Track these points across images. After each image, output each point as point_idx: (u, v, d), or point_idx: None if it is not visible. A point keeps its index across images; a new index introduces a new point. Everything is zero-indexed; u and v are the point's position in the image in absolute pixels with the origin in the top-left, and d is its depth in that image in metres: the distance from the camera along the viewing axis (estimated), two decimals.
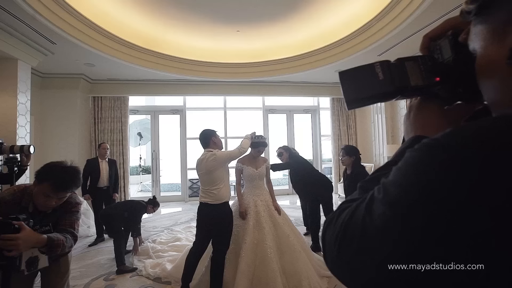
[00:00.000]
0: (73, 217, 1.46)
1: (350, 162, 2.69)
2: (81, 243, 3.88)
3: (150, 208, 3.43)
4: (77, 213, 1.49)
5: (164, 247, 3.33)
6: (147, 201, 3.49)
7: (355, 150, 2.70)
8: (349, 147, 2.74)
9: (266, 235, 2.31)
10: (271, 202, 2.59)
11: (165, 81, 6.86)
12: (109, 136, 6.68)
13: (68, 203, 1.46)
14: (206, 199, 2.19)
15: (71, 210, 1.46)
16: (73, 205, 1.48)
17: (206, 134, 2.36)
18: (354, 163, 2.68)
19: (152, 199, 3.52)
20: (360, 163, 2.69)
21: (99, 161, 4.03)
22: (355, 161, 2.68)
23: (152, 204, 3.47)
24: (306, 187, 3.32)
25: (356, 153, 2.70)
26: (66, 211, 1.45)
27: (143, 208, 3.37)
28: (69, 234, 1.38)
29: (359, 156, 2.69)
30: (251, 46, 6.45)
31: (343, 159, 2.70)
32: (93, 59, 5.22)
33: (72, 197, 1.50)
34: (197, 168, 2.28)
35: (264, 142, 2.63)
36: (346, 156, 2.68)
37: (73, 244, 1.41)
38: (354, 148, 2.73)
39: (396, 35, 4.82)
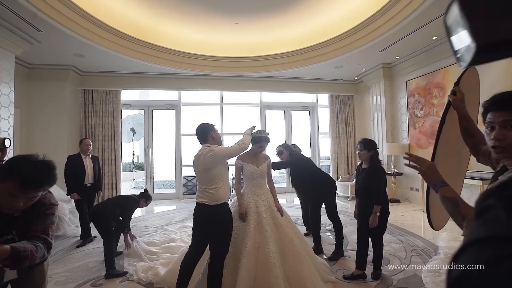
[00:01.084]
0: (47, 221, 1.23)
1: (368, 157, 2.52)
2: (68, 244, 3.66)
3: (142, 202, 3.25)
4: (52, 216, 1.27)
5: (157, 248, 3.13)
6: (139, 195, 3.30)
7: (373, 144, 2.54)
8: (367, 140, 2.57)
9: (268, 238, 2.14)
10: (273, 203, 2.42)
11: (160, 74, 6.61)
12: (100, 131, 6.42)
13: (41, 205, 1.24)
14: (203, 199, 2.01)
15: (45, 213, 1.24)
16: (47, 206, 1.26)
17: (204, 129, 2.16)
18: (372, 157, 2.52)
19: (143, 192, 3.34)
20: (378, 158, 2.53)
21: (82, 157, 3.79)
22: (373, 155, 2.52)
23: (144, 197, 3.28)
24: (308, 186, 3.16)
25: (375, 147, 2.54)
26: (38, 214, 1.22)
27: (135, 203, 3.18)
28: (42, 241, 1.16)
29: (377, 151, 2.54)
30: (249, 40, 6.24)
31: (361, 153, 2.54)
32: (83, 49, 4.94)
33: (46, 197, 1.28)
34: (194, 165, 2.09)
35: (267, 137, 2.45)
36: (364, 150, 2.51)
37: (46, 254, 1.20)
38: (372, 142, 2.56)
39: (398, 31, 4.68)
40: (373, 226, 2.41)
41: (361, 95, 7.62)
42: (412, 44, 5.15)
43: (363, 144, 2.52)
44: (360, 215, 2.62)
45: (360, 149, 2.53)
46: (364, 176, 2.49)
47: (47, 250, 1.19)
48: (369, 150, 2.50)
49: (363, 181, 2.51)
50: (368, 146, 2.51)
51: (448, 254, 2.95)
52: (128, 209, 3.11)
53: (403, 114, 6.14)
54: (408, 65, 5.85)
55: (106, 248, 2.76)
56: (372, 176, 2.44)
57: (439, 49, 5.04)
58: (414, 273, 2.64)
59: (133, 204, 3.16)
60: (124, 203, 3.12)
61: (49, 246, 1.21)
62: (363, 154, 2.52)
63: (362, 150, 2.52)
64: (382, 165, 2.51)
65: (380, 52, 5.53)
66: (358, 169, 2.66)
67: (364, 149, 2.51)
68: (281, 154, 3.41)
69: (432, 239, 3.62)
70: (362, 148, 2.52)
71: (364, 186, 2.49)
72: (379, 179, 2.44)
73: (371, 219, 2.40)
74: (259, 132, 2.46)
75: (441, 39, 4.86)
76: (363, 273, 2.59)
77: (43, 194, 1.25)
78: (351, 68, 6.53)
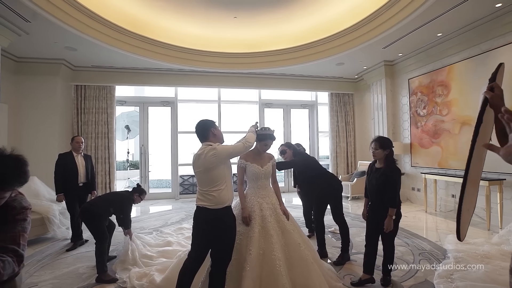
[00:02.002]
0: (18, 228, 1.04)
1: (383, 156, 2.36)
2: (57, 247, 3.46)
3: (136, 197, 3.04)
4: (24, 222, 1.08)
5: (152, 252, 2.95)
6: (132, 190, 3.07)
7: (389, 143, 2.39)
8: (383, 138, 2.41)
9: (274, 245, 1.97)
10: (278, 205, 2.25)
11: (156, 70, 6.39)
12: (93, 128, 6.19)
13: (10, 208, 1.05)
14: (204, 202, 1.83)
15: (15, 218, 1.05)
16: (18, 210, 1.07)
17: (205, 125, 1.99)
18: (387, 157, 2.36)
19: (136, 187, 3.12)
20: (394, 158, 2.37)
21: (74, 155, 3.58)
22: (389, 155, 2.36)
23: (138, 192, 3.06)
24: (314, 187, 3.00)
25: (391, 145, 2.38)
26: (6, 220, 1.04)
27: (129, 199, 2.99)
28: (11, 253, 0.97)
29: (393, 150, 2.38)
30: (248, 35, 6.06)
31: (376, 152, 2.38)
32: (75, 42, 4.71)
33: (16, 200, 1.09)
34: (194, 165, 1.91)
35: (272, 134, 2.29)
36: (379, 149, 2.36)
37: (17, 269, 1.00)
38: (388, 140, 2.40)
39: (402, 27, 4.54)
40: (389, 230, 2.26)
41: (361, 94, 7.50)
42: (416, 41, 5.03)
43: (379, 143, 2.37)
44: (370, 217, 2.48)
45: (375, 148, 2.38)
46: (379, 176, 2.34)
47: (18, 263, 0.99)
48: (385, 149, 2.35)
49: (376, 181, 2.36)
50: (384, 145, 2.35)
51: (458, 258, 2.83)
52: (125, 206, 2.92)
53: (404, 113, 6.02)
54: (410, 62, 5.73)
55: (98, 250, 2.58)
56: (389, 177, 2.29)
57: (444, 46, 4.92)
58: (425, 279, 2.51)
59: (128, 201, 2.98)
60: (119, 199, 2.93)
61: (20, 258, 1.01)
62: (378, 153, 2.36)
63: (377, 149, 2.36)
64: (397, 165, 2.36)
65: (383, 49, 5.40)
66: (371, 168, 2.51)
67: (379, 148, 2.35)
68: (285, 153, 3.25)
69: (438, 241, 3.51)
70: (377, 147, 2.37)
71: (377, 186, 2.34)
72: (396, 180, 2.29)
73: (386, 223, 2.26)
74: (263, 129, 2.30)
75: (446, 36, 4.75)
76: (371, 277, 2.45)
77: (12, 196, 1.06)
78: (353, 65, 6.39)
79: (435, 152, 5.16)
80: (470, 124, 4.50)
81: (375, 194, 2.39)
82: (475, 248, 3.08)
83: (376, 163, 2.47)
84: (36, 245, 3.50)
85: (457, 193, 4.80)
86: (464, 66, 4.60)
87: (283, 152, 3.25)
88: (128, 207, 2.96)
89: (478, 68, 4.38)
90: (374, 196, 2.41)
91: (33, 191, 3.86)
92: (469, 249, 3.04)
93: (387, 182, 2.29)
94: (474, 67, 4.44)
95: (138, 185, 3.15)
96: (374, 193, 2.41)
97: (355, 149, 7.64)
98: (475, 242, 3.27)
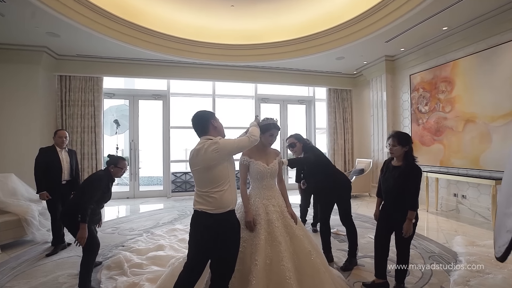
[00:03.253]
0: None
1: (402, 153, 2.14)
2: (36, 252, 3.13)
3: (113, 170, 2.41)
4: None
5: (142, 259, 2.67)
6: (107, 164, 2.46)
7: (408, 138, 2.16)
8: (401, 134, 2.18)
9: (283, 253, 1.74)
10: (286, 208, 2.01)
11: (146, 60, 6.03)
12: (79, 122, 5.80)
13: None
14: (204, 206, 1.57)
15: None
16: None
17: (203, 117, 1.72)
18: (406, 154, 2.14)
19: (108, 159, 2.48)
20: (413, 155, 2.16)
21: (57, 150, 3.25)
22: (408, 152, 2.14)
23: (112, 163, 2.42)
24: (321, 185, 2.75)
25: (410, 142, 2.16)
26: None
27: (102, 176, 2.34)
28: None
29: (412, 146, 2.17)
30: (245, 26, 5.77)
31: (394, 149, 2.16)
32: (58, 27, 4.32)
33: None
34: (191, 162, 1.65)
35: (276, 123, 2.05)
36: (398, 146, 2.14)
37: None
38: (407, 136, 2.18)
39: (407, 20, 4.35)
40: (408, 235, 2.06)
41: (360, 90, 7.33)
42: (419, 35, 4.85)
43: (397, 138, 2.15)
44: (382, 218, 2.28)
45: (393, 144, 2.16)
46: (398, 176, 2.12)
47: None
48: (404, 145, 2.13)
49: (394, 181, 2.14)
50: (403, 141, 2.14)
51: (470, 261, 2.67)
52: (87, 187, 2.26)
53: (405, 110, 5.88)
54: (413, 57, 5.57)
55: (84, 261, 2.21)
56: (409, 177, 2.07)
57: (448, 41, 4.76)
58: (440, 286, 2.33)
59: (99, 179, 2.31)
60: (88, 181, 2.35)
61: None
62: (396, 150, 2.15)
63: (396, 145, 2.14)
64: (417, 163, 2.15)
65: (385, 42, 5.20)
66: (387, 166, 2.29)
67: (398, 144, 2.13)
68: (294, 146, 2.85)
69: (446, 243, 3.35)
70: (395, 143, 2.15)
71: (395, 186, 2.13)
72: (416, 180, 2.08)
73: (406, 227, 2.05)
74: (265, 120, 2.05)
75: (452, 30, 4.59)
76: (385, 281, 2.26)
77: None
78: (353, 60, 6.19)
79: (437, 150, 5.03)
80: (475, 122, 4.37)
81: (391, 194, 2.19)
82: (486, 250, 2.93)
83: (393, 160, 2.26)
84: (11, 250, 3.16)
85: (459, 192, 4.69)
86: (470, 62, 4.45)
87: (292, 145, 2.88)
88: (90, 188, 2.23)
89: (484, 63, 4.24)
90: (390, 197, 2.21)
91: (10, 190, 3.51)
92: (481, 252, 2.89)
93: (407, 182, 2.08)
94: (480, 62, 4.30)
95: (109, 155, 2.55)
96: (389, 193, 2.21)
97: (352, 147, 7.49)
98: (485, 244, 3.13)
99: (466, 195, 4.58)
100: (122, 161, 2.47)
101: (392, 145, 2.19)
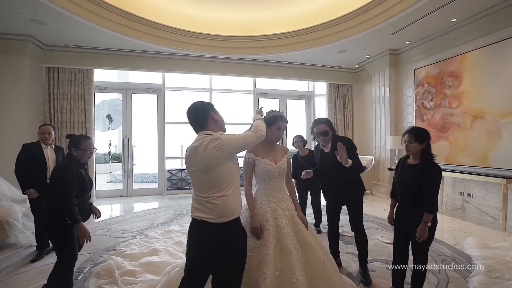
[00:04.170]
0: None
1: (419, 150, 1.95)
2: (19, 257, 2.88)
3: (78, 153, 1.99)
4: None
5: (135, 266, 2.44)
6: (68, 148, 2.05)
7: (427, 135, 1.98)
8: (419, 130, 2.00)
9: (295, 264, 1.53)
10: (295, 212, 1.80)
11: (140, 52, 5.73)
12: (68, 117, 5.49)
13: None
14: (204, 213, 1.34)
15: None
16: None
17: (201, 109, 1.49)
18: (424, 152, 1.95)
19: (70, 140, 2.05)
20: (431, 152, 1.97)
21: (43, 147, 2.98)
22: (426, 149, 1.95)
23: (74, 145, 1.99)
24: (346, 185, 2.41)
25: (428, 138, 1.97)
26: None
27: (67, 166, 1.91)
28: None
29: (430, 143, 1.98)
30: (244, 17, 5.50)
31: (411, 146, 1.96)
32: (43, 14, 4.01)
33: None
34: (188, 161, 1.42)
35: (283, 115, 1.84)
36: (415, 143, 1.95)
37: None
38: (425, 132, 1.99)
39: (414, 11, 4.14)
40: (422, 239, 1.88)
41: (361, 85, 7.14)
42: (426, 27, 4.65)
43: (414, 134, 1.96)
44: (399, 221, 2.09)
45: (410, 141, 1.97)
46: (414, 175, 1.94)
47: None
48: (421, 142, 1.94)
49: (410, 181, 1.96)
50: (420, 137, 1.95)
51: (488, 266, 2.51)
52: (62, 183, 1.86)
53: (409, 105, 5.70)
54: (417, 51, 5.38)
55: (63, 270, 1.93)
56: (428, 176, 1.89)
57: (457, 33, 4.58)
58: None
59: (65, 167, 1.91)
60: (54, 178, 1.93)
61: None
62: (413, 148, 1.96)
63: (413, 142, 1.95)
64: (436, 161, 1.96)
65: (391, 35, 5.00)
66: (403, 165, 2.10)
67: (415, 141, 1.95)
68: (326, 135, 2.31)
69: (457, 245, 3.20)
70: (412, 140, 1.96)
71: (411, 186, 1.95)
72: (435, 180, 1.90)
73: (420, 231, 1.87)
74: (270, 112, 1.84)
75: (460, 22, 4.40)
76: None
77: None
78: (355, 53, 5.98)
79: (442, 147, 4.87)
80: (483, 118, 4.21)
81: (407, 195, 2.00)
82: (501, 253, 2.78)
83: (409, 158, 2.07)
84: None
85: (465, 191, 4.55)
86: (479, 55, 4.28)
87: (324, 134, 2.31)
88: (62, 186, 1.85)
89: (494, 57, 4.06)
90: (406, 198, 2.02)
91: None
92: (496, 255, 2.73)
93: (425, 182, 1.89)
94: (490, 56, 4.12)
95: (68, 135, 2.11)
96: (406, 194, 2.02)
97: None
98: (499, 247, 2.98)
99: (473, 194, 4.44)
100: (86, 140, 2.03)
101: (408, 142, 2.00)
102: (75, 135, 2.08)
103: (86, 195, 2.10)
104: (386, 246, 3.13)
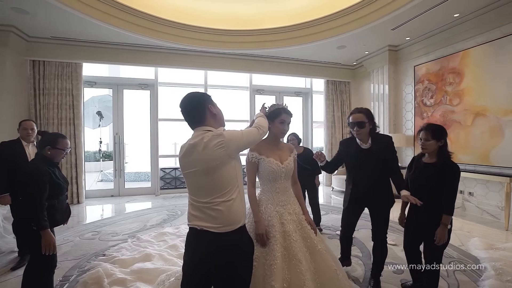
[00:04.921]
0: None
1: (436, 148, 1.83)
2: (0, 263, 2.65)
3: (52, 152, 1.80)
4: None
5: (126, 273, 2.25)
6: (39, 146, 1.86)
7: (444, 132, 1.86)
8: (436, 127, 1.87)
9: (305, 275, 1.38)
10: (303, 216, 1.65)
11: (132, 45, 5.48)
12: (55, 113, 5.22)
13: None
14: (205, 222, 1.16)
15: None
16: None
17: (198, 101, 1.28)
18: (441, 150, 1.83)
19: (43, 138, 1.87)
20: (449, 151, 1.85)
21: (24, 144, 2.75)
22: (443, 147, 1.83)
23: (49, 143, 1.80)
24: None
25: (445, 135, 1.85)
26: None
27: (38, 167, 1.72)
28: None
29: (447, 140, 1.86)
30: (241, 9, 5.30)
31: (427, 143, 1.84)
32: (26, 1, 3.73)
33: None
34: (184, 162, 1.23)
35: (286, 108, 1.69)
36: (432, 140, 1.82)
37: None
38: (442, 129, 1.87)
39: (416, 6, 4.03)
40: (442, 242, 1.76)
41: (359, 82, 7.03)
42: (428, 23, 4.54)
43: (431, 132, 1.83)
44: (411, 223, 1.97)
45: (426, 139, 1.84)
46: (431, 175, 1.82)
47: None
48: (438, 139, 1.83)
49: (427, 181, 1.84)
50: (438, 134, 1.83)
51: (497, 269, 2.41)
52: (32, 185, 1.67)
53: (408, 103, 5.62)
54: (418, 47, 5.28)
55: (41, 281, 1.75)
56: (446, 176, 1.77)
57: (459, 29, 4.48)
58: None
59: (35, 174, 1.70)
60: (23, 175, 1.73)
61: None
62: (430, 145, 1.83)
63: (429, 139, 1.83)
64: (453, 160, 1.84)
65: (391, 30, 4.88)
66: (417, 163, 1.98)
67: (432, 139, 1.83)
68: (362, 127, 2.00)
69: (462, 245, 3.11)
70: (429, 137, 1.83)
71: (428, 186, 1.83)
72: (455, 180, 1.77)
73: (440, 233, 1.75)
74: (273, 106, 1.68)
75: (463, 17, 4.30)
76: None
77: None
78: (354, 49, 5.85)
79: None
80: (485, 115, 4.14)
81: (422, 195, 1.88)
82: (510, 255, 2.69)
83: (425, 156, 1.94)
84: None
85: (465, 189, 4.49)
86: (481, 52, 4.19)
87: (360, 125, 2.00)
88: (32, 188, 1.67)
89: (498, 53, 3.98)
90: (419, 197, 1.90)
91: None
92: (505, 257, 2.64)
93: (443, 183, 1.77)
94: (493, 52, 4.04)
95: (41, 132, 1.96)
96: (420, 195, 1.90)
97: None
98: (505, 247, 2.89)
99: (474, 192, 4.38)
100: (63, 139, 1.83)
101: (424, 139, 1.87)
102: (49, 133, 1.91)
103: (63, 196, 1.92)
104: (390, 248, 3.01)
